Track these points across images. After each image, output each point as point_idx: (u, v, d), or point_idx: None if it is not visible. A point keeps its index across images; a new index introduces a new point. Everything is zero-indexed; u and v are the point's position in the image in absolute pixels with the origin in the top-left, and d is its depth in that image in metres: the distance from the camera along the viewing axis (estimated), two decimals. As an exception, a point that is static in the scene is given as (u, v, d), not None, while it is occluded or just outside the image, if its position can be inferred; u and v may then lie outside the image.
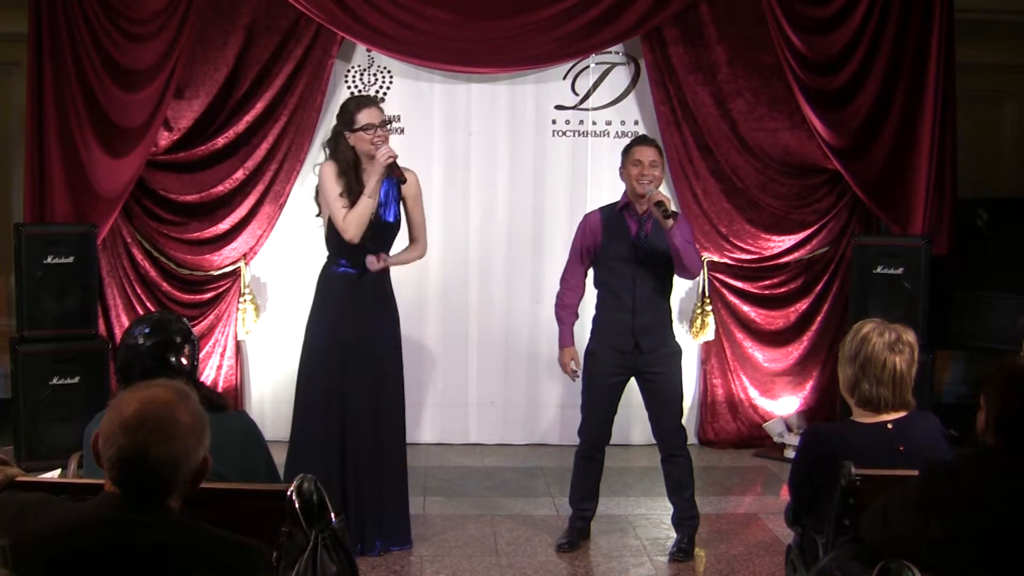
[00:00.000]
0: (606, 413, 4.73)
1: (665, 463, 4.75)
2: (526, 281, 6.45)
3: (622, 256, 4.61)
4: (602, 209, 4.76)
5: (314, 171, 4.79)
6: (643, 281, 4.57)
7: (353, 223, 4.37)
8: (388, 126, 4.53)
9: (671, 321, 4.73)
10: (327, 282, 4.63)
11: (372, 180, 4.38)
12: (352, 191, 4.42)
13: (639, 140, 4.75)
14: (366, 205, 4.37)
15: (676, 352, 4.68)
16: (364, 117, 4.42)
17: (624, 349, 4.65)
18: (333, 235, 4.53)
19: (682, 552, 4.70)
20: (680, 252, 4.48)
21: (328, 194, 4.44)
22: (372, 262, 4.52)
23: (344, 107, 4.57)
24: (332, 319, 4.57)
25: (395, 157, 4.39)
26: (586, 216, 4.82)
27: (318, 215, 4.65)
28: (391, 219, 4.59)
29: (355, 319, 4.56)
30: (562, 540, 4.83)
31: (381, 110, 4.52)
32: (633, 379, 4.72)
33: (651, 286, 4.58)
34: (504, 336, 6.47)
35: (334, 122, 4.60)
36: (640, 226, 4.62)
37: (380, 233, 4.56)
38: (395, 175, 4.45)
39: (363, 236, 4.45)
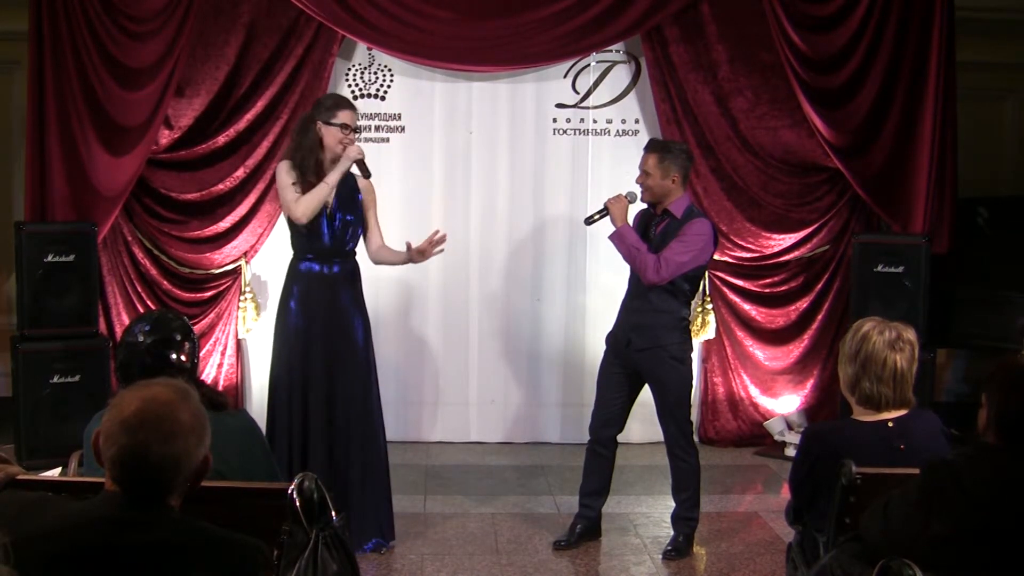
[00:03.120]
0: (605, 405, 4.75)
1: (669, 460, 4.76)
2: (526, 279, 6.45)
3: None
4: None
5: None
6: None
7: (304, 203, 4.43)
8: (357, 133, 4.62)
9: (676, 325, 4.65)
10: (294, 278, 4.63)
11: (337, 172, 4.47)
12: (305, 181, 4.47)
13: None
14: (323, 190, 4.45)
15: (677, 356, 4.64)
16: (343, 116, 4.52)
17: (619, 344, 4.71)
18: (296, 231, 4.58)
19: (675, 551, 4.70)
20: (622, 256, 4.60)
21: (281, 184, 4.51)
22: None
23: (323, 100, 4.68)
24: (296, 317, 4.57)
25: (363, 155, 4.52)
26: None
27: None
28: (350, 218, 4.59)
29: (321, 317, 4.56)
30: (559, 538, 4.83)
31: (357, 115, 4.62)
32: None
33: (657, 287, 4.56)
34: (505, 334, 6.47)
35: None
36: (653, 227, 4.66)
37: (342, 230, 4.58)
38: (363, 173, 4.57)
39: (326, 233, 4.51)
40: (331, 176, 4.46)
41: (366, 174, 4.58)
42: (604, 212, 4.69)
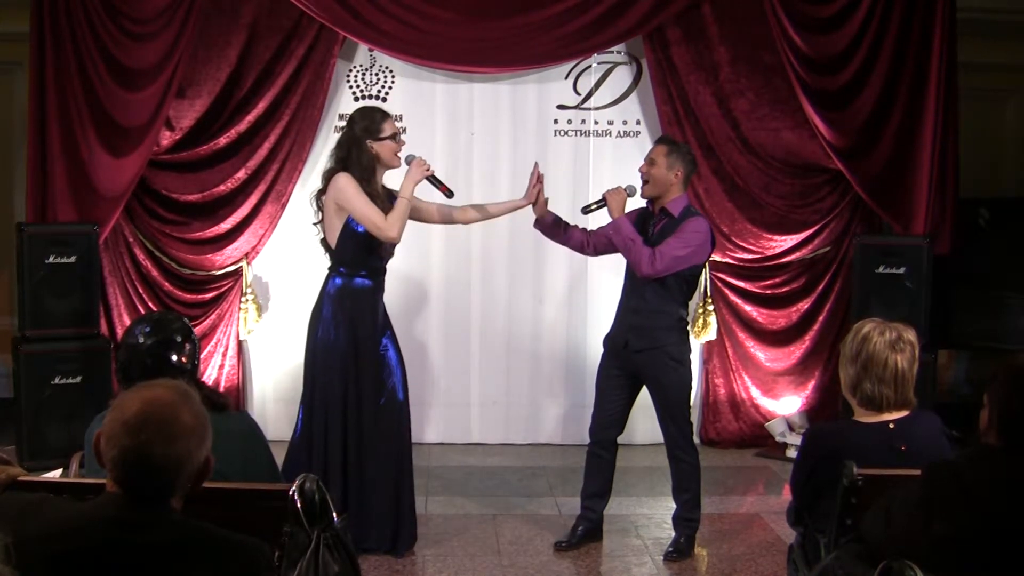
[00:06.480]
0: (605, 408, 4.74)
1: (669, 461, 4.75)
2: (528, 280, 6.45)
3: None
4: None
5: (312, 199, 4.66)
6: (645, 280, 4.54)
7: (398, 222, 4.41)
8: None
9: (673, 325, 4.61)
10: (350, 295, 4.51)
11: (411, 185, 4.46)
12: (372, 196, 4.43)
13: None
14: (406, 206, 4.44)
15: (675, 357, 4.61)
16: (389, 128, 4.53)
17: (617, 346, 4.69)
18: (355, 244, 4.46)
19: (677, 552, 4.69)
20: (616, 247, 4.60)
21: (357, 200, 4.39)
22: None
23: (367, 115, 4.56)
24: (358, 332, 4.51)
25: (432, 169, 4.54)
26: None
27: (318, 222, 4.57)
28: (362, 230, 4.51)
29: (377, 331, 4.56)
30: (561, 539, 4.82)
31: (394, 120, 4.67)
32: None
33: (653, 287, 4.54)
34: (506, 335, 6.47)
35: (339, 123, 4.55)
36: (651, 225, 4.65)
37: (376, 243, 4.53)
38: (442, 190, 4.60)
39: (364, 249, 4.47)
40: (408, 189, 4.45)
41: (448, 194, 4.61)
42: (602, 203, 4.68)
